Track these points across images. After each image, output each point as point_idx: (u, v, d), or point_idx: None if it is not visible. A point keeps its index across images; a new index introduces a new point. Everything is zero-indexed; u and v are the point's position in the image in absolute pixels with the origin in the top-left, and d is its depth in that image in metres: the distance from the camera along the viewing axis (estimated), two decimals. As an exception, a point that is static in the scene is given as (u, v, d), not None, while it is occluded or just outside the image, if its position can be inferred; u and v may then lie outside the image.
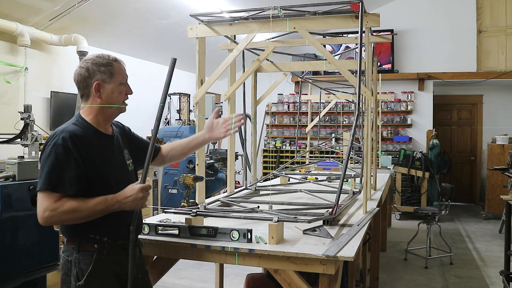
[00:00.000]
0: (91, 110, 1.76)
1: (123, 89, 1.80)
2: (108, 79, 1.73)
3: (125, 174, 1.83)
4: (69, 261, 1.71)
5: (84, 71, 1.72)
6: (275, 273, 1.93)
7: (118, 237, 1.73)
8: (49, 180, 1.60)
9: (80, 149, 1.64)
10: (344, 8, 2.44)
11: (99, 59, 1.74)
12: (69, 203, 1.59)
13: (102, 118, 1.77)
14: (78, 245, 1.69)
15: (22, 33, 4.28)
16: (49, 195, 1.59)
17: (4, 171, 3.14)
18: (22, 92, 4.55)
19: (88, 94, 1.74)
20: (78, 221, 1.66)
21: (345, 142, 6.61)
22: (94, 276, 1.67)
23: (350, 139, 2.57)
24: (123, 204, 1.65)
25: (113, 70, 1.75)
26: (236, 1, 5.75)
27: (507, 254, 4.01)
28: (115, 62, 1.77)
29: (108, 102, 1.75)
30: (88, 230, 1.68)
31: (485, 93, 8.79)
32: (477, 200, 9.03)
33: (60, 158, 1.61)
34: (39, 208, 1.60)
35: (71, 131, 1.66)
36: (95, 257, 1.68)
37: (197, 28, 2.66)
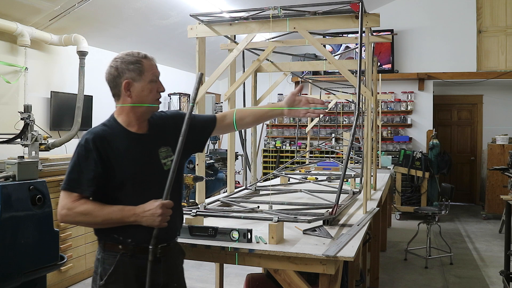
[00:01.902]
0: (122, 109, 1.73)
1: (154, 87, 1.73)
2: (137, 77, 1.69)
3: (157, 174, 1.72)
4: (98, 259, 1.71)
5: (114, 70, 1.70)
6: (275, 273, 1.93)
7: (143, 240, 1.65)
8: (69, 180, 1.62)
9: (101, 150, 1.63)
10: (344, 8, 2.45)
11: (128, 57, 1.70)
12: (85, 206, 1.60)
13: (134, 117, 1.72)
14: (103, 244, 1.70)
15: (22, 33, 4.28)
16: (69, 194, 1.61)
17: (4, 171, 3.14)
18: (22, 92, 4.54)
19: (118, 93, 1.72)
20: (92, 226, 1.66)
21: (345, 142, 6.61)
22: (114, 277, 1.65)
23: (350, 139, 2.57)
24: (140, 217, 1.60)
25: (142, 68, 1.70)
26: (236, 1, 5.75)
27: (507, 254, 4.01)
28: (144, 59, 1.71)
29: (139, 100, 1.71)
30: (111, 230, 1.65)
31: (485, 93, 8.79)
32: (477, 200, 9.03)
33: (80, 159, 1.63)
34: (59, 205, 1.62)
35: (96, 132, 1.67)
36: (118, 258, 1.66)
37: (197, 28, 2.66)
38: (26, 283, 3.08)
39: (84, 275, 4.35)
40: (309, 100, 1.92)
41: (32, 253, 3.11)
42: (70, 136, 4.58)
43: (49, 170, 3.95)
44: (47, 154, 4.32)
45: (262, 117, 2.00)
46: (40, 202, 3.19)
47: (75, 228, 4.19)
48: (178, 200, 1.80)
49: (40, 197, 3.19)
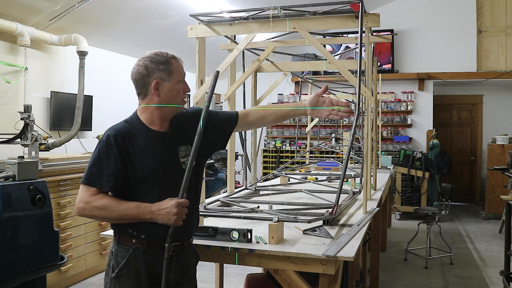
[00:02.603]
0: (146, 108, 1.74)
1: (181, 87, 1.75)
2: (166, 77, 1.71)
3: (176, 172, 1.72)
4: (111, 252, 1.74)
5: (143, 69, 1.70)
6: (275, 273, 1.93)
7: (156, 236, 1.68)
8: (88, 175, 1.65)
9: (122, 147, 1.65)
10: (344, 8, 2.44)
11: (157, 57, 1.71)
12: (102, 200, 1.62)
13: (158, 116, 1.74)
14: (118, 237, 1.72)
15: (22, 33, 4.28)
16: (87, 188, 1.64)
17: (4, 171, 3.14)
18: (22, 92, 4.54)
19: (145, 92, 1.73)
20: (108, 221, 1.69)
21: (345, 142, 6.61)
22: (125, 271, 1.68)
23: (350, 139, 2.57)
24: (155, 215, 1.61)
25: (172, 68, 1.72)
26: (236, 1, 5.75)
27: (507, 254, 4.01)
28: (173, 60, 1.74)
29: (166, 100, 1.72)
30: (127, 224, 1.68)
31: (485, 93, 8.79)
32: (477, 200, 9.03)
33: (101, 154, 1.65)
34: (77, 198, 1.65)
35: (118, 129, 1.70)
36: (130, 252, 1.68)
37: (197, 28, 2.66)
38: (26, 283, 3.08)
39: (84, 275, 4.35)
40: (333, 101, 1.91)
41: (32, 253, 3.11)
42: (70, 136, 4.58)
43: (49, 170, 3.95)
44: (47, 154, 4.32)
45: (284, 116, 2.00)
46: (40, 202, 3.19)
47: (75, 228, 4.19)
48: (194, 200, 1.80)
49: (40, 197, 3.19)
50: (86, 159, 4.45)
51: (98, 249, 4.49)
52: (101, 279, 4.38)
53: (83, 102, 4.76)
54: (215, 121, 1.85)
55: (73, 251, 4.16)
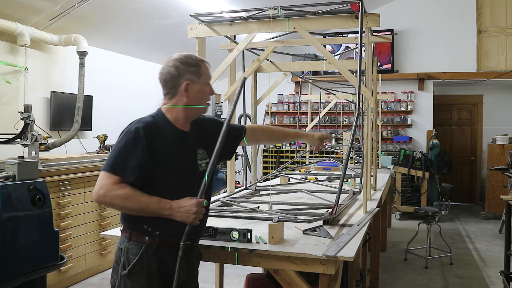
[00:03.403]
0: (173, 107, 1.78)
1: (208, 90, 1.82)
2: (196, 79, 1.76)
3: (193, 173, 1.79)
4: (120, 249, 1.74)
5: (174, 70, 1.74)
6: (275, 273, 1.93)
7: (170, 234, 1.71)
8: (113, 163, 1.65)
9: (150, 140, 1.67)
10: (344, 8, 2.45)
11: (188, 59, 1.76)
12: (125, 190, 1.62)
13: (183, 116, 1.78)
14: (130, 234, 1.72)
15: (22, 33, 4.28)
16: (110, 176, 1.63)
17: (4, 171, 3.14)
18: (22, 92, 4.54)
19: (174, 93, 1.77)
20: (126, 211, 1.68)
21: (345, 142, 6.61)
22: (138, 268, 1.69)
23: (350, 139, 2.57)
24: (174, 212, 1.64)
25: (201, 71, 1.78)
26: (236, 1, 5.75)
27: (507, 254, 4.01)
28: (202, 63, 1.80)
29: (194, 102, 1.77)
30: (142, 220, 1.69)
31: (485, 93, 8.78)
32: (477, 200, 9.02)
33: (128, 144, 1.66)
34: (97, 184, 1.64)
35: (147, 122, 1.71)
36: (143, 249, 1.69)
37: (197, 28, 2.67)
38: (26, 283, 3.08)
39: (84, 275, 4.35)
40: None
41: (32, 253, 3.11)
42: (70, 136, 4.58)
43: (49, 170, 3.95)
44: (47, 154, 4.32)
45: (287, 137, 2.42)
46: (40, 202, 3.19)
47: (75, 228, 4.19)
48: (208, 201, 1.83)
49: (40, 197, 3.19)
50: (86, 159, 4.45)
51: (98, 249, 4.49)
52: (101, 279, 4.38)
53: (83, 102, 4.76)
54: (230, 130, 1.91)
55: (73, 251, 4.16)
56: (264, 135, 2.26)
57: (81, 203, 4.28)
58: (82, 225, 4.28)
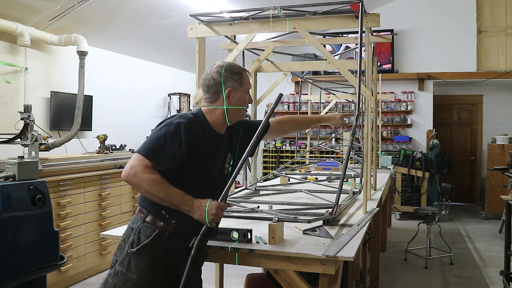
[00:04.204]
0: (214, 110, 1.84)
1: (247, 98, 1.90)
2: (238, 87, 1.84)
3: (220, 175, 1.87)
4: (131, 228, 1.78)
5: (218, 76, 1.82)
6: (275, 273, 1.93)
7: (185, 226, 1.75)
8: (148, 148, 1.70)
9: (189, 136, 1.72)
10: (344, 8, 2.45)
11: (232, 67, 1.84)
12: (155, 175, 1.67)
13: (222, 120, 1.85)
14: (146, 215, 1.76)
15: (22, 33, 4.27)
16: (143, 159, 1.68)
17: (4, 171, 3.14)
18: (22, 92, 4.54)
19: (217, 98, 1.83)
20: (149, 196, 1.70)
21: (345, 142, 6.61)
22: (146, 249, 1.72)
23: (350, 139, 2.57)
24: (194, 210, 1.70)
25: (243, 79, 1.86)
26: (236, 1, 5.75)
27: (507, 254, 4.01)
28: (244, 72, 1.89)
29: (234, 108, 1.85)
30: (162, 205, 1.72)
31: (485, 93, 8.78)
32: (477, 200, 9.02)
33: (167, 135, 1.70)
34: (129, 164, 1.69)
35: (189, 118, 1.77)
36: (156, 232, 1.73)
37: (197, 28, 2.67)
38: (26, 283, 3.08)
39: (84, 275, 4.35)
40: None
41: (32, 253, 3.11)
42: (70, 136, 4.58)
43: (49, 170, 3.95)
44: (47, 154, 4.32)
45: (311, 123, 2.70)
46: (40, 202, 3.19)
47: (75, 228, 4.19)
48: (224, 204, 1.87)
49: (40, 197, 3.19)
50: (86, 159, 4.45)
51: (98, 249, 4.49)
52: (101, 279, 4.38)
53: (83, 102, 4.76)
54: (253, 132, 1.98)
55: (73, 251, 4.16)
56: (290, 124, 2.36)
57: (81, 203, 4.27)
58: (82, 225, 4.28)
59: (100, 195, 4.51)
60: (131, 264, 1.72)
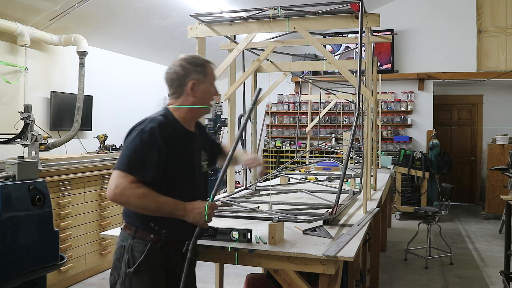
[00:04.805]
0: (179, 107, 1.80)
1: (213, 90, 1.85)
2: (202, 79, 1.79)
3: (200, 173, 1.86)
4: (123, 246, 1.74)
5: (181, 69, 1.77)
6: (275, 273, 1.93)
7: (176, 232, 1.74)
8: (129, 163, 1.63)
9: (165, 139, 1.68)
10: (344, 8, 2.45)
11: (194, 60, 1.80)
12: (143, 189, 1.62)
13: (190, 116, 1.82)
14: (135, 231, 1.72)
15: (22, 33, 4.27)
16: (125, 175, 1.61)
17: (4, 171, 3.14)
18: (22, 92, 4.54)
19: (181, 92, 1.79)
20: (141, 210, 1.66)
21: (345, 142, 6.61)
22: (144, 266, 1.69)
23: (350, 139, 2.57)
24: (188, 213, 1.67)
25: (207, 71, 1.81)
26: (236, 1, 5.75)
27: (507, 254, 4.01)
28: (208, 64, 1.83)
29: (200, 101, 1.80)
30: (148, 218, 1.69)
31: (485, 93, 8.78)
32: (477, 200, 9.02)
33: (144, 144, 1.65)
34: (112, 183, 1.62)
35: (160, 121, 1.71)
36: (148, 246, 1.70)
37: (197, 28, 2.66)
38: (26, 283, 3.08)
39: (84, 275, 4.34)
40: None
41: (32, 253, 3.11)
42: (70, 136, 4.58)
43: (49, 170, 3.95)
44: (47, 154, 4.32)
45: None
46: (40, 202, 3.19)
47: (75, 228, 4.19)
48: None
49: (40, 197, 3.19)
50: (86, 159, 4.45)
51: (98, 249, 4.49)
52: (101, 279, 4.38)
53: (83, 102, 4.76)
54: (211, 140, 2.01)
55: (73, 251, 4.16)
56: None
57: (81, 203, 4.27)
58: (82, 225, 4.28)
59: (100, 195, 4.51)
60: (133, 283, 1.70)
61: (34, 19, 4.46)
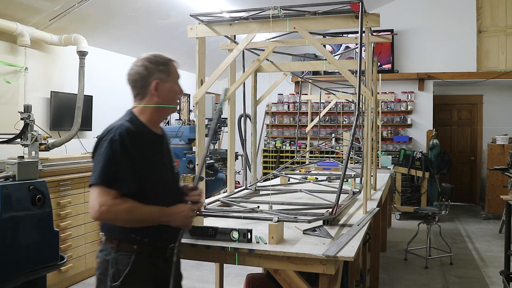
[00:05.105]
0: (145, 109, 1.74)
1: (177, 89, 1.81)
2: (166, 78, 1.74)
3: (172, 176, 1.82)
4: (106, 260, 1.68)
5: (143, 69, 1.72)
6: (275, 273, 1.93)
7: (159, 239, 1.71)
8: (106, 176, 1.56)
9: (136, 146, 1.63)
10: (344, 8, 2.44)
11: (156, 58, 1.74)
12: (128, 203, 1.58)
13: (156, 117, 1.77)
14: (117, 245, 1.67)
15: (22, 33, 4.27)
16: (106, 191, 1.55)
17: (4, 171, 3.14)
18: (22, 92, 4.54)
19: (144, 93, 1.73)
20: (128, 224, 1.62)
21: (345, 142, 6.61)
22: (131, 278, 1.65)
23: (350, 139, 2.57)
24: (173, 218, 1.66)
25: (170, 69, 1.77)
26: (236, 1, 5.75)
27: (507, 254, 4.01)
28: (171, 62, 1.79)
29: (165, 101, 1.76)
30: (130, 229, 1.65)
31: (485, 93, 8.78)
32: (477, 200, 9.02)
33: (117, 153, 1.59)
34: (94, 201, 1.55)
35: (128, 127, 1.65)
36: (133, 258, 1.65)
37: (197, 28, 2.66)
38: (26, 283, 3.08)
39: (84, 275, 4.34)
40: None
41: (32, 253, 3.11)
42: (70, 136, 4.58)
43: (49, 170, 3.95)
44: (47, 154, 4.32)
45: None
46: (40, 202, 3.19)
47: (75, 228, 4.19)
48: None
49: (40, 197, 3.19)
50: (86, 159, 4.44)
51: (98, 249, 4.49)
52: (101, 279, 4.38)
53: (83, 102, 4.76)
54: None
55: (73, 251, 4.16)
56: None
57: (81, 203, 4.27)
58: (82, 225, 4.28)
59: (100, 195, 4.50)
60: None
61: (34, 19, 4.46)
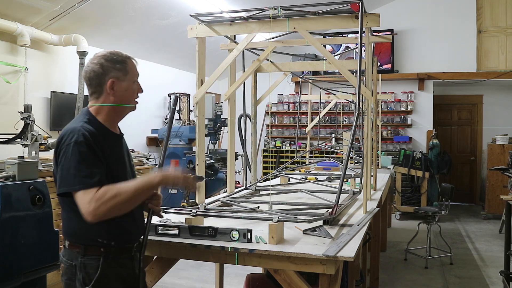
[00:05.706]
0: (101, 108, 1.70)
1: (136, 88, 1.77)
2: (122, 77, 1.70)
3: (134, 174, 1.82)
4: (73, 265, 1.67)
5: (98, 67, 1.67)
6: (275, 273, 1.93)
7: (125, 241, 1.71)
8: (81, 179, 1.53)
9: (99, 146, 1.61)
10: (344, 8, 2.44)
11: (113, 56, 1.70)
12: (110, 190, 1.53)
13: (113, 117, 1.74)
14: (84, 249, 1.65)
15: (22, 33, 4.28)
16: (87, 191, 1.52)
17: (4, 171, 3.14)
18: (22, 92, 4.54)
19: (100, 91, 1.69)
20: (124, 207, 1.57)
21: (345, 142, 6.61)
22: (102, 281, 1.64)
23: (350, 139, 2.57)
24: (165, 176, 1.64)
25: (128, 68, 1.73)
26: (236, 1, 5.75)
27: (507, 254, 4.01)
28: (129, 60, 1.76)
29: (121, 100, 1.71)
30: (95, 233, 1.63)
31: (485, 93, 8.79)
32: (477, 200, 9.03)
33: (84, 155, 1.56)
34: (82, 205, 1.53)
35: (89, 129, 1.62)
36: (101, 261, 1.64)
37: (197, 28, 2.66)
38: (26, 283, 3.07)
39: (84, 275, 4.34)
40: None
41: (32, 253, 3.11)
42: (70, 136, 4.58)
43: (49, 170, 3.94)
44: (47, 154, 4.32)
45: None
46: (40, 202, 3.19)
47: (75, 228, 4.18)
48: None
49: (40, 197, 3.19)
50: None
51: (98, 249, 4.48)
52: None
53: (83, 102, 4.76)
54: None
55: (73, 251, 4.15)
56: None
57: (81, 203, 4.27)
58: (82, 225, 4.27)
59: (100, 195, 4.50)
60: None
61: (34, 19, 4.47)
